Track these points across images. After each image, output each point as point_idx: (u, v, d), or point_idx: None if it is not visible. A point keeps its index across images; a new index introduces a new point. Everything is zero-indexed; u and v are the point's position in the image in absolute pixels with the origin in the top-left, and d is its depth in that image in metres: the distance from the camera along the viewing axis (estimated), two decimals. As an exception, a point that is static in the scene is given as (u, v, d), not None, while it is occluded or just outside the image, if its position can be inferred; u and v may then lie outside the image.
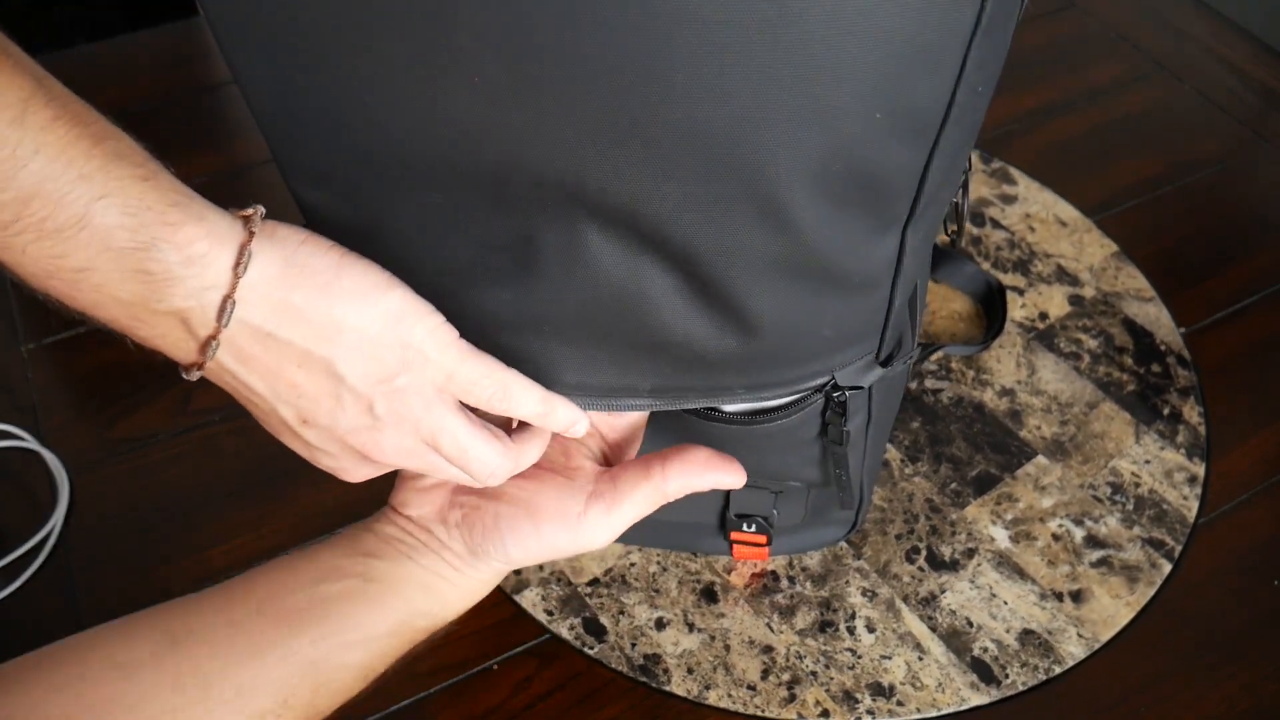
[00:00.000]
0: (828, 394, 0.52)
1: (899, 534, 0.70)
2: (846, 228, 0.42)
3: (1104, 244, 0.89)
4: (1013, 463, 0.74)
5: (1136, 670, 0.64)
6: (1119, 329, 0.82)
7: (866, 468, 0.61)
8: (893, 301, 0.48)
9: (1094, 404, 0.77)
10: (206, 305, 0.38)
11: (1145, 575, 0.68)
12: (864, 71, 0.36)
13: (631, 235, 0.42)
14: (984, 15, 0.36)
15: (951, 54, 0.37)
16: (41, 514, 0.70)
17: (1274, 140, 0.98)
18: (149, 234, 0.36)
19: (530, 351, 0.46)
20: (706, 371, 0.48)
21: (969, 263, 0.82)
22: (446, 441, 0.44)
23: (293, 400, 0.42)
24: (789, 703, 0.62)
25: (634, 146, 0.38)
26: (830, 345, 0.49)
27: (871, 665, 0.64)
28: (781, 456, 0.58)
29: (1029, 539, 0.70)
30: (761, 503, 0.62)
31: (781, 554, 0.68)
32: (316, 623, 0.46)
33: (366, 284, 0.41)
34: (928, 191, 0.43)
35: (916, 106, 0.38)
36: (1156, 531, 0.70)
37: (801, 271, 0.43)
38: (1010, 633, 0.66)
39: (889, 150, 0.39)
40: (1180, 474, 0.73)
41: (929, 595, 0.67)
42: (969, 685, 0.63)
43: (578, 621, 0.66)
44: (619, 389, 0.48)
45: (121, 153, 0.37)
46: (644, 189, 0.39)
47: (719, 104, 0.36)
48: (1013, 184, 0.93)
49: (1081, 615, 0.66)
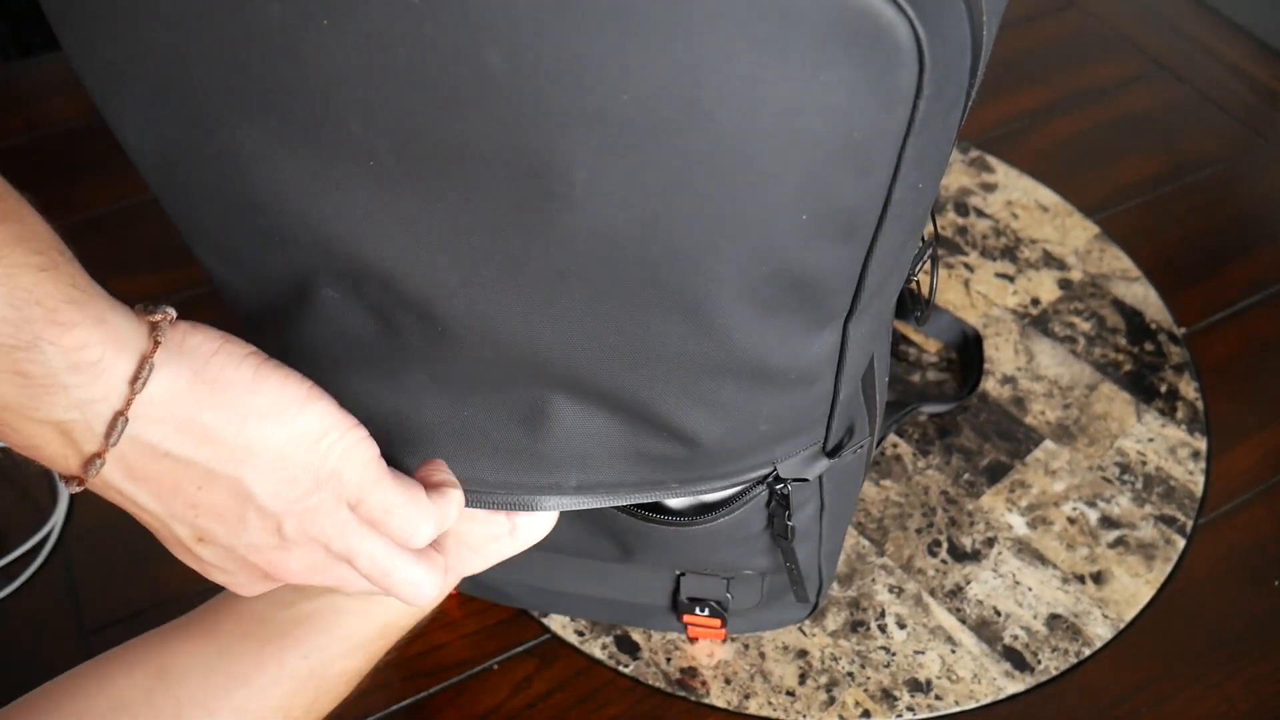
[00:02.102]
0: (770, 486, 0.50)
1: (919, 528, 0.70)
2: (778, 327, 0.40)
3: (1086, 227, 0.90)
4: (1021, 449, 0.75)
5: (1136, 670, 0.65)
6: (1110, 310, 0.84)
7: (825, 553, 0.58)
8: (837, 393, 0.46)
9: (1094, 386, 0.79)
10: (93, 419, 0.34)
11: (1161, 552, 0.70)
12: (786, 174, 0.33)
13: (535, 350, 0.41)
14: (917, 114, 0.32)
15: (884, 154, 0.34)
16: (41, 514, 0.70)
17: (1274, 140, 0.99)
18: (31, 331, 0.31)
19: (448, 448, 0.45)
20: (636, 467, 0.46)
21: (944, 312, 0.81)
22: (364, 563, 0.41)
23: (189, 519, 0.38)
24: (829, 705, 0.63)
25: (538, 246, 0.36)
26: (768, 439, 0.47)
27: (906, 662, 0.64)
28: (729, 550, 0.56)
29: (1045, 524, 0.71)
30: (713, 588, 0.60)
31: (740, 633, 0.65)
32: (305, 638, 0.46)
33: (284, 400, 0.37)
34: (868, 288, 0.40)
35: (847, 207, 0.35)
36: (1167, 508, 0.72)
37: (730, 372, 0.41)
38: (1038, 619, 0.66)
39: (820, 252, 0.37)
40: (1184, 449, 0.75)
41: (955, 587, 0.68)
42: (1003, 674, 0.64)
43: (609, 640, 0.65)
44: (543, 486, 0.46)
45: (21, 236, 0.32)
46: (546, 295, 0.38)
47: (626, 207, 0.34)
48: (991, 172, 0.94)
49: (1104, 596, 0.67)
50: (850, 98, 0.31)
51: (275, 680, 0.45)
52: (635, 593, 0.62)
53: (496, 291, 0.38)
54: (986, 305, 0.83)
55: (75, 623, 0.65)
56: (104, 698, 0.43)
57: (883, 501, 0.72)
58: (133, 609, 0.66)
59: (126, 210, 0.88)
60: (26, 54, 1.01)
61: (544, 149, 0.33)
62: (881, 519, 0.71)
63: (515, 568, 0.62)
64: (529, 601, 0.66)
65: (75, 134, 0.94)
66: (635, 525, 0.53)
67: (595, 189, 0.33)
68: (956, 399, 0.76)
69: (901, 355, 0.80)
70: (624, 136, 0.32)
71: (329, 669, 0.47)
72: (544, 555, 0.60)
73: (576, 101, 0.31)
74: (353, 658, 0.48)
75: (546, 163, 0.33)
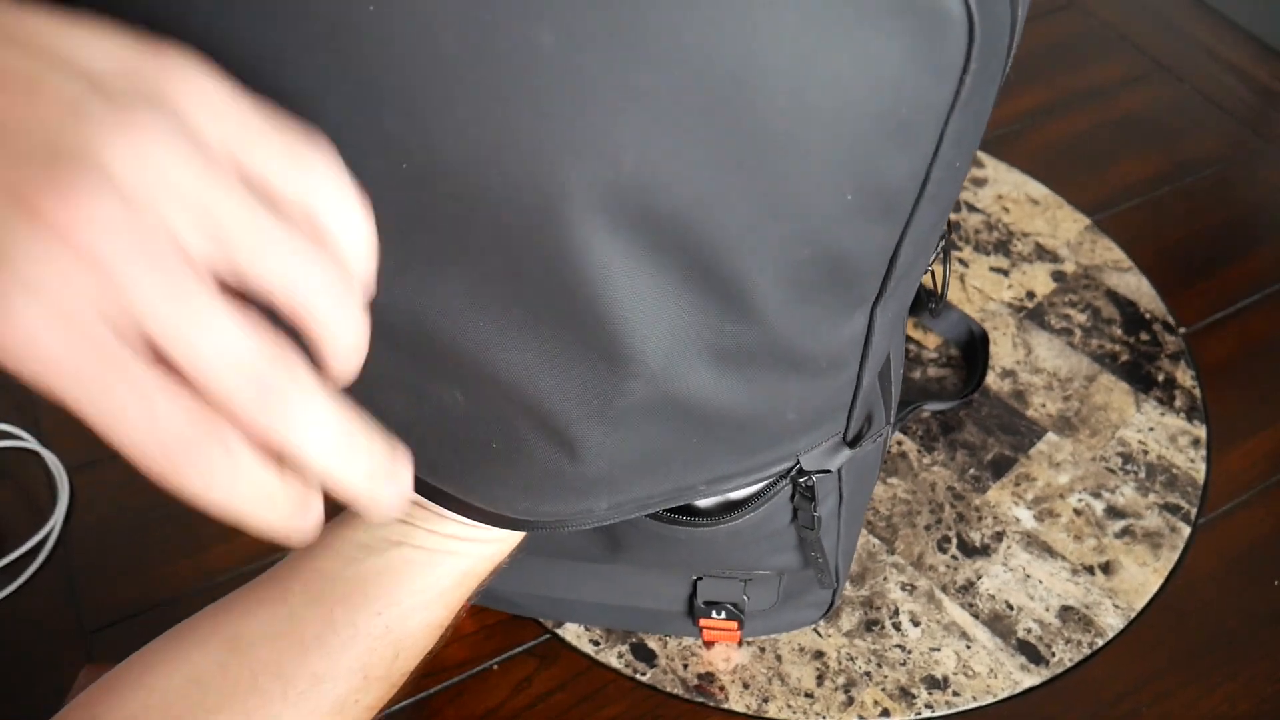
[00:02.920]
0: (794, 479, 0.49)
1: (928, 525, 0.71)
2: (812, 312, 0.39)
3: (1076, 218, 0.91)
4: (1024, 443, 0.75)
5: (1135, 671, 0.65)
6: (1104, 301, 0.84)
7: (841, 550, 0.59)
8: (860, 380, 0.46)
9: (1092, 377, 0.79)
10: None
11: (1168, 540, 0.70)
12: (833, 150, 0.33)
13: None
14: (963, 88, 0.32)
15: (928, 130, 0.34)
16: (41, 514, 0.70)
17: (1274, 140, 1.00)
18: None
19: (471, 479, 0.44)
20: (667, 473, 0.45)
21: (951, 309, 0.81)
22: (272, 265, 0.24)
23: None
24: (848, 706, 0.63)
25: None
26: (794, 429, 0.46)
27: (922, 659, 0.65)
28: (751, 549, 0.55)
29: (1052, 516, 0.71)
30: (730, 590, 0.60)
31: (755, 636, 0.65)
32: (377, 595, 0.44)
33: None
34: (899, 270, 0.40)
35: (889, 186, 0.35)
36: (1171, 496, 0.72)
37: (765, 359, 0.40)
38: (1050, 611, 0.67)
39: (859, 232, 0.37)
40: (1184, 437, 0.75)
41: (966, 583, 0.68)
42: (1019, 668, 0.64)
43: (625, 649, 0.65)
44: (576, 513, 0.45)
45: None
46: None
47: (675, 185, 0.33)
48: (980, 166, 0.95)
49: (1114, 586, 0.68)
50: (900, 70, 0.31)
51: (350, 641, 0.43)
52: (650, 599, 0.62)
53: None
54: (982, 300, 0.84)
55: (75, 623, 0.65)
56: (179, 674, 0.41)
57: (890, 499, 0.72)
58: (133, 609, 0.65)
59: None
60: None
61: (590, 129, 0.32)
62: (890, 517, 0.71)
63: (527, 578, 0.62)
64: (541, 611, 0.65)
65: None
66: (655, 529, 0.52)
67: (639, 172, 0.33)
68: (960, 396, 0.77)
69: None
70: (672, 115, 0.31)
71: (406, 623, 0.44)
72: (556, 563, 0.59)
73: (627, 79, 0.30)
74: (431, 610, 0.45)
75: (592, 143, 0.32)
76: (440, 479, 0.45)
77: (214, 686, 0.41)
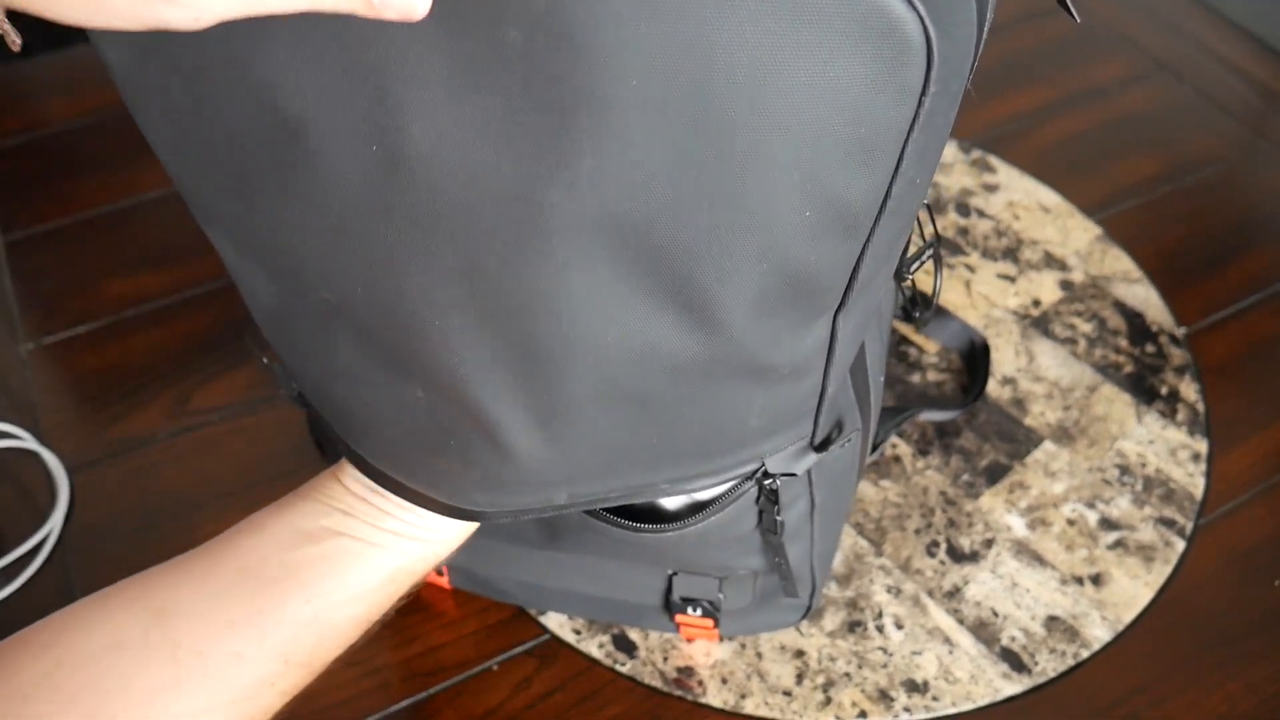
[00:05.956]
0: (759, 481, 0.50)
1: (917, 529, 0.70)
2: (774, 323, 0.40)
3: (1087, 228, 0.90)
4: (1021, 450, 0.75)
5: (1136, 672, 0.64)
6: (1111, 311, 0.83)
7: (817, 554, 0.58)
8: (825, 386, 0.46)
9: (1094, 387, 0.78)
10: None
11: (1161, 554, 0.69)
12: (793, 167, 0.33)
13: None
14: (922, 110, 0.33)
15: (888, 149, 0.34)
16: (40, 514, 0.70)
17: (1274, 140, 0.99)
18: None
19: (433, 474, 0.45)
20: (626, 471, 0.46)
21: (953, 318, 0.81)
22: None
23: None
24: (826, 705, 0.62)
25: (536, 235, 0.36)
26: (757, 433, 0.46)
27: (903, 662, 0.64)
28: (720, 550, 0.55)
29: (1045, 525, 0.71)
30: (705, 587, 0.60)
31: (733, 634, 0.65)
32: (309, 583, 0.44)
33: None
34: (860, 282, 0.40)
35: (849, 202, 0.36)
36: (1167, 510, 0.71)
37: (725, 368, 0.41)
38: (1036, 620, 0.66)
39: (820, 248, 0.37)
40: (1184, 451, 0.75)
41: (953, 588, 0.67)
42: (1001, 675, 0.64)
43: (606, 639, 0.65)
44: (534, 506, 0.46)
45: None
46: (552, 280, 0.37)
47: (634, 194, 0.34)
48: (993, 172, 0.94)
49: (1103, 598, 0.67)
50: (860, 91, 0.32)
51: (275, 625, 0.43)
52: (628, 591, 0.62)
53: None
54: (987, 306, 0.83)
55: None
56: (100, 636, 0.42)
57: (881, 502, 0.72)
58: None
59: (126, 210, 0.88)
60: (26, 54, 1.01)
61: (545, 128, 0.32)
62: (880, 519, 0.71)
63: (511, 564, 0.62)
64: (525, 598, 0.66)
65: (75, 134, 0.94)
66: (626, 536, 0.53)
67: (600, 176, 0.33)
68: (958, 406, 0.76)
69: (901, 355, 0.80)
70: (634, 123, 0.32)
71: (333, 615, 0.45)
72: (535, 550, 0.60)
73: (589, 82, 0.31)
74: (359, 604, 0.46)
75: (551, 145, 0.33)
76: (402, 471, 0.46)
77: (133, 653, 0.41)
